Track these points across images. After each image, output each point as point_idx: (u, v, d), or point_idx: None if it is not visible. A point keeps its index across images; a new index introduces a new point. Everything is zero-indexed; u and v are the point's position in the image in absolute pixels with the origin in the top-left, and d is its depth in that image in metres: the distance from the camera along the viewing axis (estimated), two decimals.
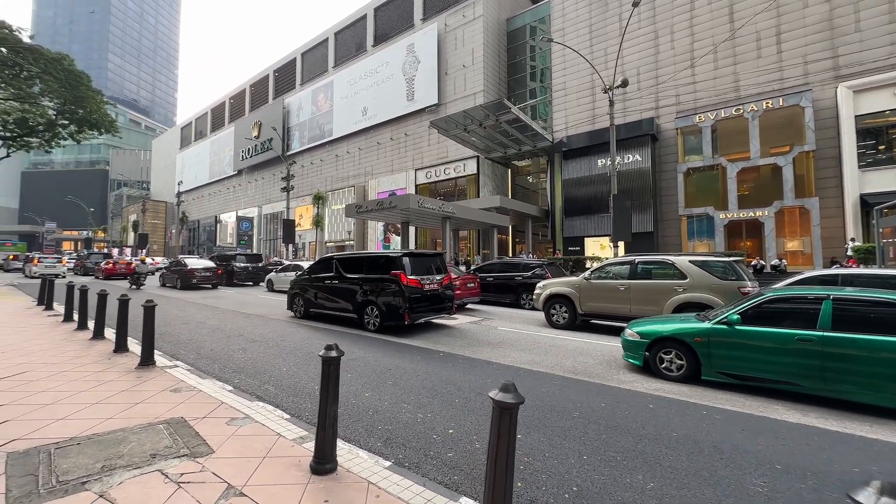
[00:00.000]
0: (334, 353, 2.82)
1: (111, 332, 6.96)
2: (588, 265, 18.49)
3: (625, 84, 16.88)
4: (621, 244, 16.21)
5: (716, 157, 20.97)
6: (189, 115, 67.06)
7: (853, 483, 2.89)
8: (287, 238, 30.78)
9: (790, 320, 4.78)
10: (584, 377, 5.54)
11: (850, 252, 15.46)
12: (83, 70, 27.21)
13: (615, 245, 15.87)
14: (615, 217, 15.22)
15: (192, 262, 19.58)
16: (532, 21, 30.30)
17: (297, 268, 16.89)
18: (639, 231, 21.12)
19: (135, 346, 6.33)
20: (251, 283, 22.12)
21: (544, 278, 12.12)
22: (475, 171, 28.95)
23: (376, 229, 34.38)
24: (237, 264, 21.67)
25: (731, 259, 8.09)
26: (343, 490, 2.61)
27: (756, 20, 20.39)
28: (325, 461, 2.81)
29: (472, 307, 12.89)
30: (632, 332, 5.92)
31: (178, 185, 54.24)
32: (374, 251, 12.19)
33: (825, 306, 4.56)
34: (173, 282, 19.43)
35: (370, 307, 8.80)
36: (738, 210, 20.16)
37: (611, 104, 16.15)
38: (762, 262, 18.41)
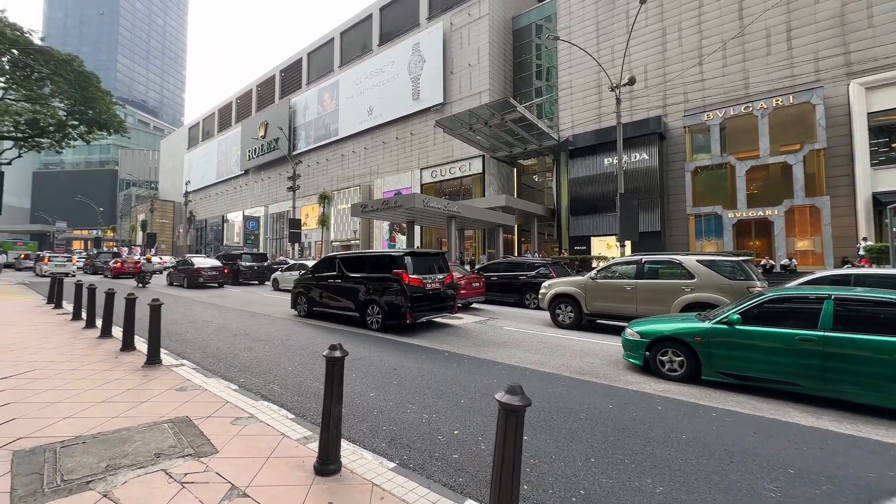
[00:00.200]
0: (338, 353, 2.79)
1: (119, 331, 7.00)
2: (594, 265, 18.34)
3: (632, 82, 16.70)
4: (628, 243, 16.05)
5: (724, 155, 20.72)
6: (196, 115, 67.48)
7: (877, 491, 2.82)
8: (293, 237, 30.94)
9: (791, 320, 4.76)
10: (591, 378, 5.48)
11: (862, 252, 15.21)
12: (93, 71, 27.52)
13: (622, 244, 15.74)
14: (622, 216, 15.10)
15: (198, 262, 19.71)
16: (538, 19, 30.12)
17: (302, 267, 16.94)
18: (646, 230, 20.94)
19: (141, 344, 6.37)
20: (256, 282, 22.24)
21: (548, 278, 12.06)
22: (480, 171, 28.86)
23: (382, 229, 34.41)
24: (243, 263, 21.80)
25: (740, 258, 7.98)
26: (347, 492, 2.58)
27: (766, 16, 20.11)
28: (328, 462, 2.78)
29: (477, 306, 12.85)
30: (632, 332, 5.89)
31: (186, 184, 54.59)
32: (376, 250, 12.20)
33: (826, 306, 4.54)
34: (180, 280, 19.58)
35: (372, 306, 8.81)
36: (747, 209, 19.91)
37: (618, 102, 16.02)
38: (772, 261, 18.17)
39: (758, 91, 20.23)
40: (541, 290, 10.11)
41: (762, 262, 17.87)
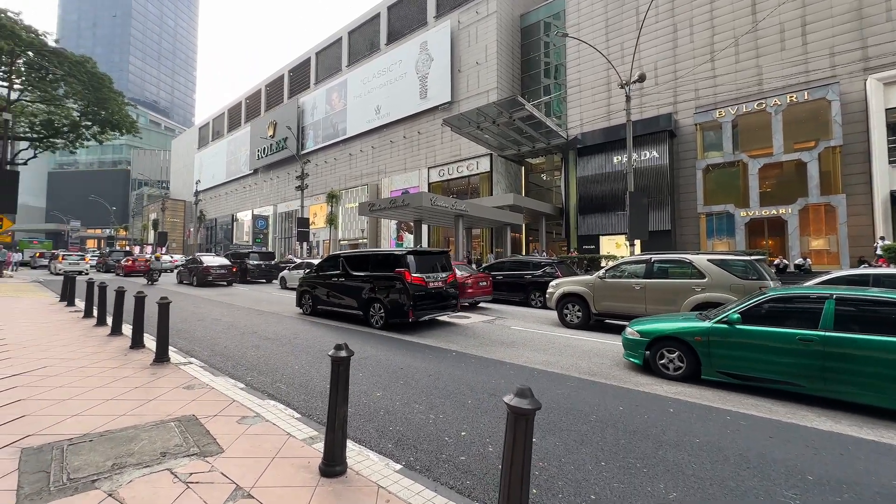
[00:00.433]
0: (344, 353, 2.75)
1: (129, 329, 7.05)
2: (603, 264, 18.14)
3: (642, 79, 16.46)
4: (637, 243, 15.85)
5: (736, 153, 20.35)
6: (206, 115, 68.30)
7: None
8: (301, 236, 31.11)
9: (792, 320, 4.74)
10: (601, 379, 5.39)
11: (879, 251, 14.83)
12: (105, 72, 27.93)
13: (631, 243, 15.54)
14: (631, 215, 14.90)
15: (207, 260, 19.91)
16: (546, 17, 29.87)
17: (309, 266, 17.03)
18: (656, 229, 20.65)
19: (151, 342, 6.41)
20: (264, 281, 22.40)
21: (554, 277, 11.97)
22: (488, 169, 28.73)
23: (389, 228, 34.45)
24: (250, 262, 21.96)
25: (753, 258, 7.81)
26: (352, 494, 2.54)
27: (780, 11, 19.68)
28: (334, 463, 2.74)
29: (485, 306, 12.78)
30: (632, 331, 5.88)
31: (196, 184, 55.13)
32: (379, 249, 12.24)
33: (827, 306, 4.51)
34: (190, 279, 19.79)
35: (375, 304, 8.84)
36: (760, 207, 19.54)
37: (627, 100, 15.81)
38: (785, 261, 17.82)
39: (771, 87, 19.82)
40: (548, 290, 10.01)
41: (775, 262, 17.53)
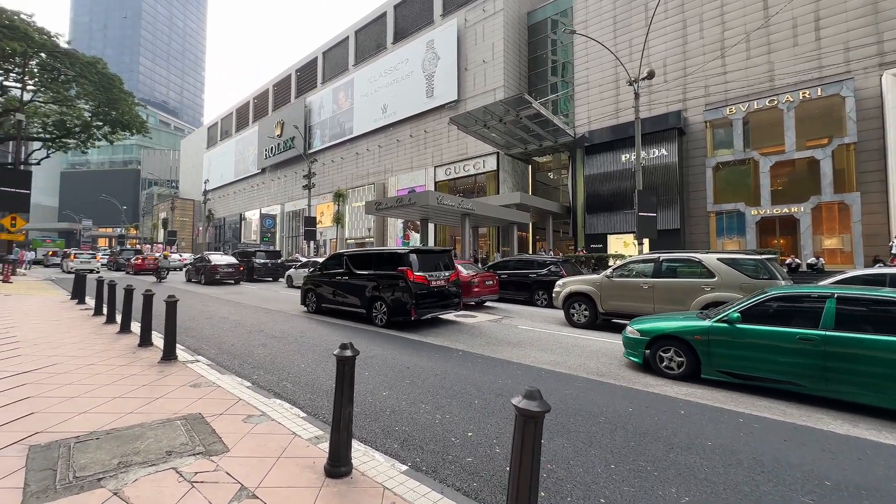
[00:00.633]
0: (349, 353, 2.72)
1: (138, 327, 7.10)
2: (611, 263, 17.98)
3: (651, 76, 16.30)
4: (646, 241, 15.68)
5: (747, 150, 20.05)
6: (215, 115, 68.75)
7: None
8: (308, 235, 31.25)
9: (792, 319, 4.70)
10: (609, 379, 5.31)
11: (895, 250, 14.55)
12: (116, 73, 28.23)
13: (640, 242, 15.38)
14: (640, 213, 14.74)
15: (215, 259, 20.06)
16: (553, 14, 29.65)
17: (315, 264, 17.07)
18: (664, 228, 20.41)
19: (159, 340, 6.44)
20: (270, 279, 22.52)
21: (559, 276, 11.88)
22: (495, 168, 28.61)
23: (396, 226, 34.48)
24: (257, 260, 22.09)
25: (764, 257, 7.67)
26: (357, 495, 2.51)
27: (792, 5, 19.31)
28: (339, 464, 2.71)
29: (491, 305, 12.72)
30: (632, 330, 5.86)
31: (205, 183, 55.79)
32: (382, 248, 12.28)
33: (828, 305, 4.48)
34: (198, 277, 19.96)
35: (378, 303, 8.87)
36: (772, 206, 19.23)
37: (636, 97, 15.62)
38: (798, 260, 17.52)
39: (783, 84, 19.47)
40: (555, 289, 9.93)
41: (787, 262, 17.24)
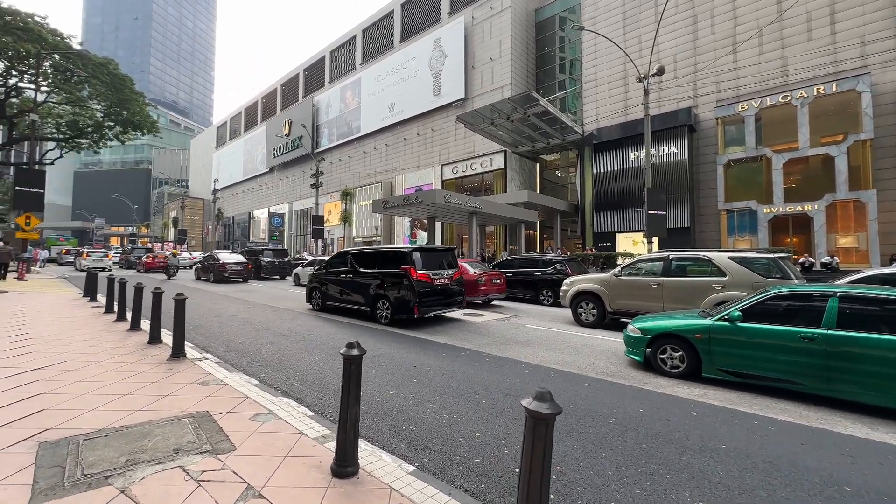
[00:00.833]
0: (356, 352, 2.69)
1: (148, 324, 7.16)
2: (619, 261, 17.81)
3: (661, 72, 16.04)
4: (655, 240, 15.49)
5: (759, 147, 19.72)
6: (224, 115, 69.36)
7: None
8: (316, 234, 31.40)
9: (794, 318, 4.67)
10: (619, 380, 5.23)
11: None
12: (127, 74, 28.55)
13: (649, 241, 15.20)
14: (649, 212, 14.56)
15: (224, 257, 20.21)
16: (561, 10, 29.39)
17: (321, 262, 17.13)
18: (674, 226, 20.16)
19: (168, 337, 6.49)
20: (278, 277, 22.65)
21: (564, 274, 11.79)
22: (502, 166, 28.47)
23: (403, 225, 34.49)
24: (264, 259, 22.24)
25: (777, 255, 7.51)
26: (364, 496, 2.48)
27: None
28: (346, 464, 2.69)
29: (498, 304, 12.65)
30: (633, 328, 5.83)
31: (214, 182, 56.23)
32: (386, 246, 12.33)
33: (831, 304, 4.44)
34: (207, 275, 20.14)
35: (382, 301, 8.90)
36: (784, 204, 18.90)
37: (645, 94, 15.42)
38: (811, 259, 17.20)
39: (797, 79, 19.10)
40: (562, 288, 9.84)
41: (801, 260, 16.94)
